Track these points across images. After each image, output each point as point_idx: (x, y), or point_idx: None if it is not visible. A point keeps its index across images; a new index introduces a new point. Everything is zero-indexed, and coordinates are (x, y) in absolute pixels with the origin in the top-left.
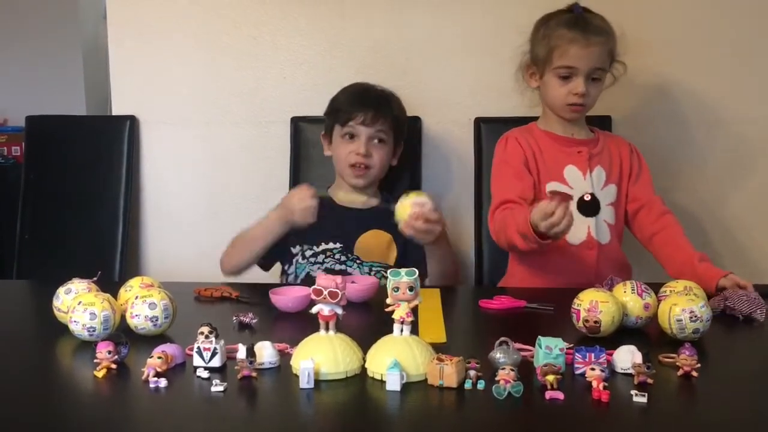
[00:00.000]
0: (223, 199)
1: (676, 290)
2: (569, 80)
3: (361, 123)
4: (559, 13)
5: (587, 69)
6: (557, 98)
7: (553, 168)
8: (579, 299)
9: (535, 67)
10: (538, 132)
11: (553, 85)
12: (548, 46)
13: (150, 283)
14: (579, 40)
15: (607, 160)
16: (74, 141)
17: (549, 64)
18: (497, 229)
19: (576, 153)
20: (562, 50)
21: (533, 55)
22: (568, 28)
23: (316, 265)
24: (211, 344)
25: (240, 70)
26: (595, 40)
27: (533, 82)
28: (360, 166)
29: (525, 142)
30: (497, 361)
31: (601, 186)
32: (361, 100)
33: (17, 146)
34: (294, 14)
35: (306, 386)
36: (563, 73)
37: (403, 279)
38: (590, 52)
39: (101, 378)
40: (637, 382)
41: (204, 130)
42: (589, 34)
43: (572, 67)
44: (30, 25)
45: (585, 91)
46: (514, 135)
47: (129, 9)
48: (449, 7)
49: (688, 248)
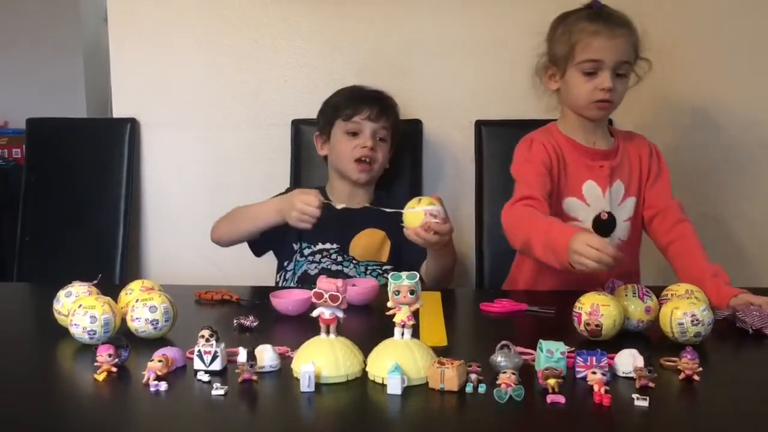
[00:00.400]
0: (223, 202)
1: (678, 294)
2: (594, 76)
3: (366, 118)
4: (576, 10)
5: (613, 62)
6: (581, 96)
7: (572, 182)
8: (580, 302)
9: (555, 67)
10: (559, 136)
11: (577, 82)
12: (569, 42)
13: (150, 286)
14: (603, 32)
15: (627, 171)
16: (75, 143)
17: (571, 60)
18: (514, 224)
19: (598, 167)
20: (585, 43)
21: (552, 55)
22: (589, 20)
23: (313, 264)
24: (212, 347)
25: (240, 72)
26: (619, 32)
27: (553, 84)
28: (366, 160)
29: (551, 148)
30: (498, 364)
31: (618, 201)
32: (363, 97)
33: (18, 148)
34: (295, 17)
35: (307, 390)
36: (588, 68)
37: (404, 282)
38: (616, 44)
39: (102, 381)
40: (638, 386)
41: (205, 133)
42: (613, 25)
43: (597, 60)
44: (31, 28)
45: (612, 85)
46: (539, 139)
47: (130, 11)
48: (450, 9)
49: (701, 261)
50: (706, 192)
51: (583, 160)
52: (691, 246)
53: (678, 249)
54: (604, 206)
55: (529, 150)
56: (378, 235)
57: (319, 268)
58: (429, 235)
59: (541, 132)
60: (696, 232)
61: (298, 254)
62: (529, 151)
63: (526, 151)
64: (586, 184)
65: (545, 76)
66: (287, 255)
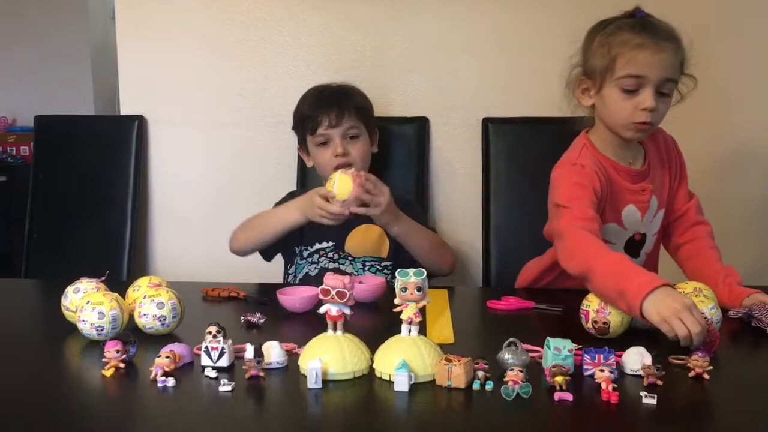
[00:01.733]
0: (231, 199)
1: (686, 292)
2: (635, 93)
3: (328, 126)
4: (617, 18)
5: (658, 79)
6: (620, 115)
7: (613, 208)
8: (588, 300)
9: (591, 81)
10: (600, 157)
11: (616, 99)
12: (609, 54)
13: (158, 283)
14: (648, 45)
15: (659, 185)
16: (83, 141)
17: (610, 75)
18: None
19: (639, 192)
20: (628, 57)
21: (588, 67)
22: (633, 32)
23: (312, 265)
24: (219, 344)
25: (247, 70)
26: (665, 46)
27: (586, 99)
28: (343, 166)
29: (602, 175)
30: (506, 362)
31: (651, 218)
32: (320, 102)
33: (26, 146)
34: (301, 14)
35: (314, 386)
36: (629, 84)
37: (411, 279)
38: (661, 60)
39: (109, 377)
40: (646, 384)
41: (211, 130)
42: (659, 38)
43: (640, 76)
44: (39, 26)
45: (654, 105)
46: (589, 165)
47: (137, 10)
48: (456, 6)
49: (714, 263)
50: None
51: (625, 184)
52: (704, 247)
53: (690, 250)
54: (639, 228)
55: (580, 174)
56: (374, 231)
57: (318, 268)
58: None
59: (584, 154)
60: (712, 234)
61: (298, 257)
62: (581, 176)
63: (576, 175)
64: (626, 209)
65: (578, 90)
66: (290, 258)
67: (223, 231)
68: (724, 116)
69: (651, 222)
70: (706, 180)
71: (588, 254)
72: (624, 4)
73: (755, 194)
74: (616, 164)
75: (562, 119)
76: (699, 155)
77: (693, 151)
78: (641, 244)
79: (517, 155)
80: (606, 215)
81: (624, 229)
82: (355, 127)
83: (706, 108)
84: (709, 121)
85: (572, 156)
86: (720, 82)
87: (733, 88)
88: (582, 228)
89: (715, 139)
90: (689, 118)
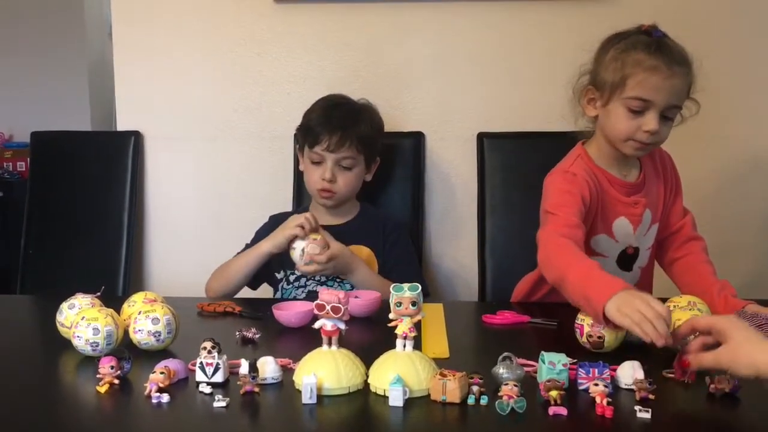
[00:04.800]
0: (227, 215)
1: (680, 305)
2: (640, 114)
3: (326, 149)
4: (633, 34)
5: (664, 105)
6: (622, 132)
7: (604, 220)
8: (583, 315)
9: (599, 92)
10: (595, 168)
11: (620, 116)
12: (621, 71)
13: (153, 298)
14: (661, 70)
15: (654, 199)
16: (79, 156)
17: (619, 93)
18: (556, 261)
19: (632, 205)
20: (639, 79)
21: (598, 79)
22: (647, 53)
23: (299, 289)
24: (214, 359)
25: (244, 85)
26: (678, 71)
27: (591, 110)
28: (325, 190)
29: (592, 184)
30: (500, 376)
31: (644, 232)
32: (328, 120)
33: (22, 161)
34: (298, 30)
35: (308, 401)
36: (636, 106)
37: (405, 294)
38: (671, 85)
39: (104, 393)
40: (638, 398)
41: (208, 146)
42: (673, 63)
43: (648, 100)
44: (36, 42)
45: (657, 129)
46: (581, 174)
47: (134, 26)
48: (452, 22)
49: (708, 276)
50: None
51: (618, 196)
52: (698, 262)
53: (685, 265)
54: (631, 242)
55: (571, 182)
56: (362, 252)
57: (306, 291)
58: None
59: (578, 164)
60: (707, 249)
61: (284, 282)
62: (572, 184)
63: (567, 183)
64: (617, 222)
65: (584, 98)
66: (275, 285)
67: (220, 246)
68: (726, 130)
69: (644, 236)
70: (710, 193)
71: (563, 262)
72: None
73: (759, 207)
74: (610, 175)
75: (557, 134)
76: (703, 169)
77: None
78: (634, 257)
79: (513, 170)
80: (597, 226)
81: (616, 242)
82: (351, 158)
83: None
84: (711, 135)
85: (566, 164)
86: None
87: (736, 102)
88: (562, 235)
89: (718, 153)
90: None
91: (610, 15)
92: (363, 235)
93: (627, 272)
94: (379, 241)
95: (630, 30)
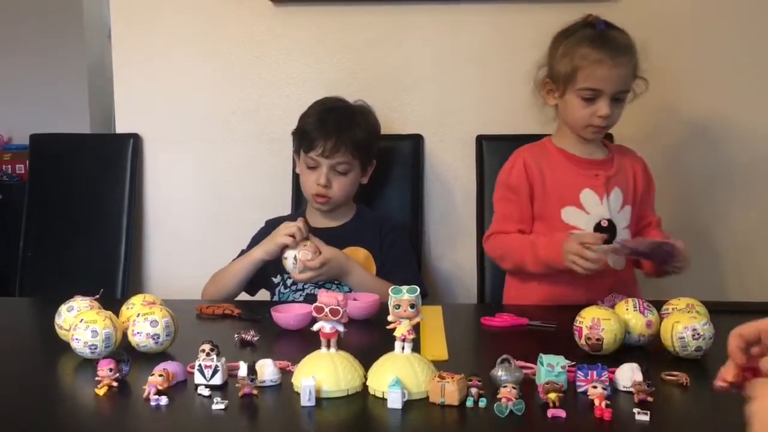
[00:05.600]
0: (226, 217)
1: (679, 308)
2: (592, 102)
3: (320, 155)
4: (579, 27)
5: (613, 92)
6: (578, 119)
7: (568, 192)
8: (581, 317)
9: (555, 84)
10: (552, 149)
11: (575, 105)
12: (571, 64)
13: (152, 301)
14: (605, 62)
15: (624, 181)
16: (78, 159)
17: (572, 84)
18: (504, 252)
19: (593, 176)
20: (587, 72)
21: (553, 72)
22: (592, 47)
23: (297, 293)
24: (213, 362)
25: (243, 88)
26: (621, 61)
27: (551, 100)
28: (321, 195)
29: (535, 166)
30: (499, 378)
31: (618, 209)
32: (323, 125)
33: (21, 164)
34: (296, 32)
35: (307, 404)
36: (587, 95)
37: (404, 296)
38: (617, 74)
39: (102, 396)
40: (637, 401)
41: (207, 148)
42: (616, 54)
43: (598, 89)
44: (36, 45)
45: (609, 113)
46: (522, 157)
47: (133, 29)
48: (451, 23)
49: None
50: (696, 205)
51: (577, 170)
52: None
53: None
54: (603, 213)
55: (510, 175)
56: (359, 254)
57: (304, 295)
58: (305, 276)
59: (531, 147)
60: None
61: (281, 286)
62: (510, 176)
63: (507, 176)
64: (583, 192)
65: (544, 90)
66: (272, 290)
67: (218, 248)
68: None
69: (618, 213)
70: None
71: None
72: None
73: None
74: (570, 154)
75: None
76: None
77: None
78: (611, 231)
79: None
80: (563, 199)
81: (586, 213)
82: (346, 163)
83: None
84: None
85: (504, 170)
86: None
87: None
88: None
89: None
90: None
91: (609, 17)
92: (359, 238)
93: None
94: (375, 243)
95: (577, 23)
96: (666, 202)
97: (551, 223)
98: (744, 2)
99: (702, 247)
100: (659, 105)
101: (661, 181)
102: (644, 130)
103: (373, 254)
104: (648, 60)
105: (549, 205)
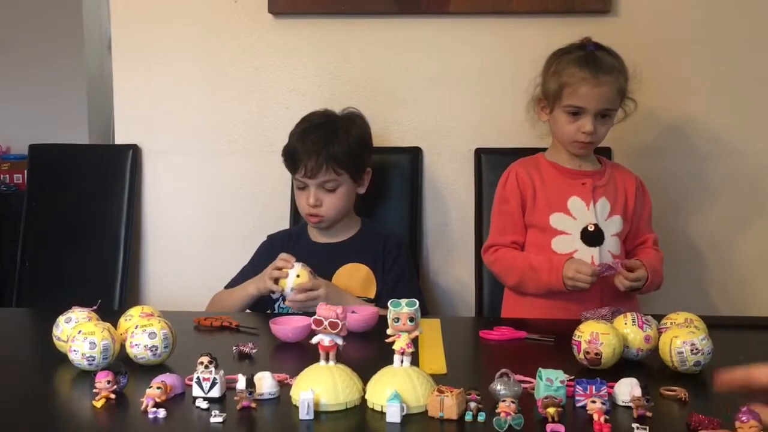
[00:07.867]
0: (224, 229)
1: (677, 322)
2: (578, 117)
3: (304, 175)
4: (572, 49)
5: (596, 109)
6: (565, 134)
7: (557, 199)
8: (580, 331)
9: (546, 101)
10: (544, 163)
11: (562, 121)
12: (558, 82)
13: (150, 313)
14: (588, 80)
15: (613, 192)
16: (77, 170)
17: (559, 101)
18: (503, 271)
19: (580, 185)
20: (572, 89)
21: (544, 89)
22: (578, 66)
23: None
24: (211, 374)
25: (242, 100)
26: (604, 80)
27: (543, 116)
28: (313, 215)
29: (527, 177)
30: (498, 392)
31: (605, 217)
32: (303, 144)
33: (20, 174)
34: (296, 45)
35: (305, 417)
36: (572, 110)
37: (403, 310)
38: (600, 92)
39: (100, 408)
40: (636, 416)
41: (206, 160)
42: (599, 73)
43: (581, 107)
44: (35, 55)
45: (593, 129)
46: (515, 170)
47: (133, 39)
48: (449, 38)
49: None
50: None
51: (566, 179)
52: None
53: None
54: (590, 219)
55: (504, 188)
56: (360, 270)
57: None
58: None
59: (524, 161)
60: (662, 259)
61: (280, 300)
62: (504, 189)
63: (502, 189)
64: (570, 200)
65: (537, 107)
66: (270, 304)
67: (217, 260)
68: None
69: (606, 221)
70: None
71: (512, 271)
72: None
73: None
74: (559, 166)
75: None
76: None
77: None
78: (598, 236)
79: None
80: (551, 205)
81: (573, 219)
82: (332, 180)
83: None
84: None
85: (499, 185)
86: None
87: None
88: (504, 251)
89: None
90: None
91: (608, 32)
92: (363, 253)
93: (593, 247)
94: (378, 259)
95: (572, 44)
96: (661, 218)
97: (542, 229)
98: (738, 19)
99: (701, 263)
100: (652, 119)
101: (664, 197)
102: (637, 144)
103: (374, 270)
104: (637, 85)
105: (538, 211)
